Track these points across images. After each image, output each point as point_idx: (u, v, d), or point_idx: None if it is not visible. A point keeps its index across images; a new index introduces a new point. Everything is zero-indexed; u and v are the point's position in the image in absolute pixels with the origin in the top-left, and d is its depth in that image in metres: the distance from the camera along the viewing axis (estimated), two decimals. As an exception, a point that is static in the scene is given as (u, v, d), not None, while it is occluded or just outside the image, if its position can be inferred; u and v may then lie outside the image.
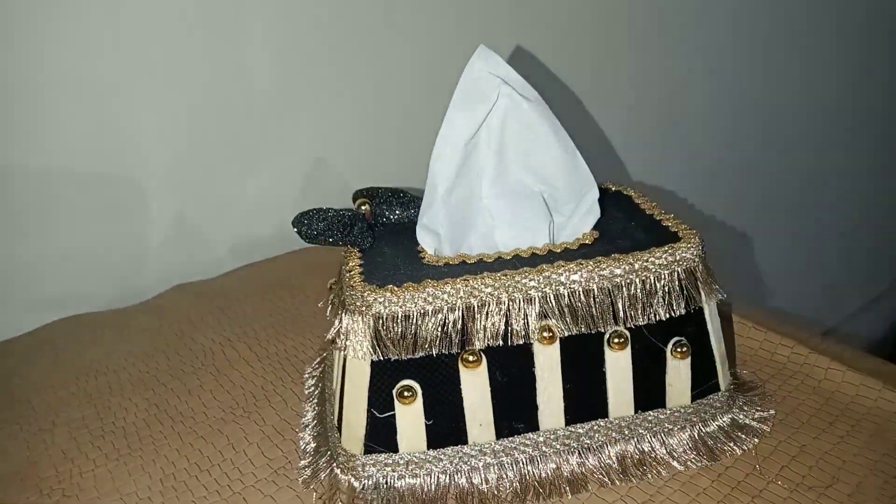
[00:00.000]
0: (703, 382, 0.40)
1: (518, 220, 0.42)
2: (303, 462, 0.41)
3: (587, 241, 0.42)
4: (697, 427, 0.40)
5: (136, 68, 0.64)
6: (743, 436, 0.40)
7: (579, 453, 0.39)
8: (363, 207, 0.45)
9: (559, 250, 0.41)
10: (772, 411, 0.42)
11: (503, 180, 0.42)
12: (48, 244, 0.64)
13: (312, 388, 0.48)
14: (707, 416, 0.40)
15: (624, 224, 0.44)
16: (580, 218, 0.43)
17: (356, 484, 0.38)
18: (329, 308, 0.42)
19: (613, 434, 0.39)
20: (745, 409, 0.42)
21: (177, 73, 0.66)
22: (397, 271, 0.39)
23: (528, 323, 0.37)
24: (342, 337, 0.37)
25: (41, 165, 0.62)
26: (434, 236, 0.42)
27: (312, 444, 0.42)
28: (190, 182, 0.70)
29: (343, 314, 0.38)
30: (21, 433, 0.46)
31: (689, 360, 0.39)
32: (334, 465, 0.39)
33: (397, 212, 0.46)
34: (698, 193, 1.07)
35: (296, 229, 0.43)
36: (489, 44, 0.41)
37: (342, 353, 0.38)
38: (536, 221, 0.42)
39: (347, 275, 0.39)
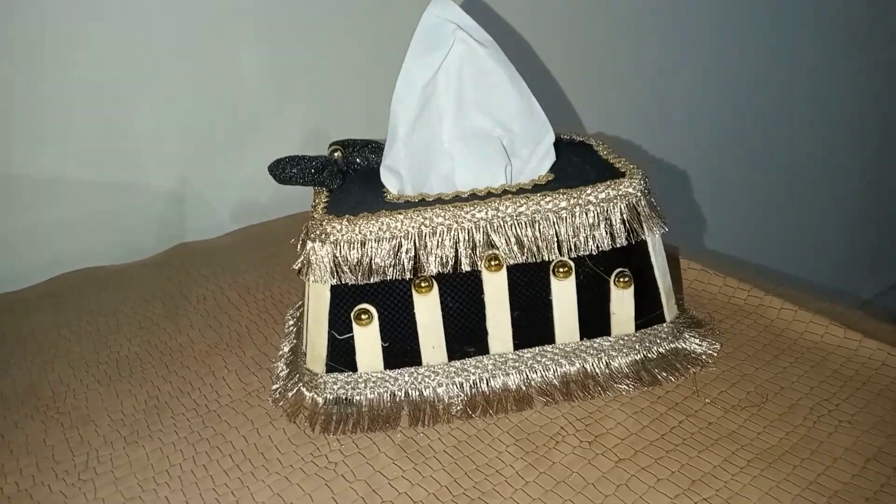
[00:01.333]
0: (647, 312, 0.42)
1: (477, 162, 0.45)
2: (275, 385, 0.44)
3: (541, 183, 0.44)
4: (641, 353, 0.42)
5: (140, 50, 0.68)
6: (685, 364, 0.42)
7: (525, 375, 0.42)
8: (335, 154, 0.49)
9: (514, 190, 0.43)
10: (717, 344, 0.44)
11: (462, 124, 0.45)
12: (59, 210, 0.68)
13: (291, 326, 0.51)
14: (650, 345, 0.43)
15: (580, 168, 0.46)
16: (537, 161, 0.45)
17: (319, 399, 0.41)
18: (299, 244, 0.45)
19: (560, 359, 0.42)
20: (691, 340, 0.44)
21: (179, 51, 0.70)
22: (359, 206, 0.42)
23: (475, 251, 0.40)
24: (304, 263, 0.40)
25: (53, 139, 0.66)
26: (397, 177, 0.44)
27: (285, 371, 0.45)
28: (192, 155, 0.74)
29: (305, 242, 0.41)
30: (24, 363, 0.51)
31: (631, 289, 0.41)
32: (300, 384, 0.43)
33: (369, 157, 0.49)
34: (658, 143, 1.06)
35: (271, 173, 0.46)
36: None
37: (304, 278, 0.41)
38: (494, 164, 0.45)
39: (313, 209, 0.42)
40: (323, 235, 0.40)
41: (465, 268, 0.40)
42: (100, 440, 0.42)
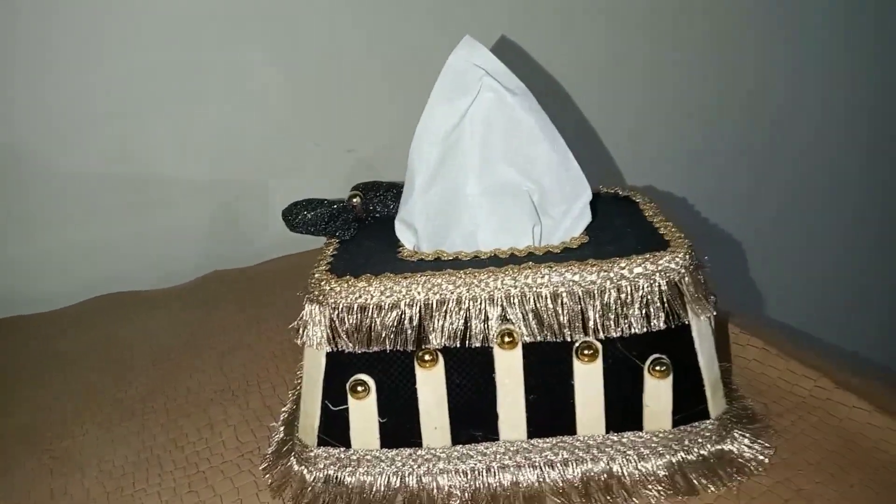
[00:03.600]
0: (687, 407, 0.36)
1: (502, 219, 0.40)
2: (269, 450, 0.41)
3: (573, 246, 0.39)
4: (678, 455, 0.36)
5: (179, 66, 0.67)
6: (730, 471, 0.36)
7: (540, 469, 0.36)
8: (354, 200, 0.45)
9: (541, 253, 0.39)
10: (770, 450, 0.37)
11: (489, 176, 0.41)
12: (99, 231, 0.69)
13: (300, 380, 0.48)
14: (690, 445, 0.37)
15: (620, 231, 0.41)
16: (571, 221, 0.40)
17: (308, 476, 0.37)
18: (304, 298, 0.42)
19: (580, 453, 0.36)
20: (740, 441, 0.38)
21: (223, 69, 0.69)
22: (366, 264, 0.38)
23: (488, 325, 0.35)
24: (301, 326, 0.37)
25: (90, 162, 0.66)
26: (412, 231, 0.40)
27: (281, 434, 0.42)
28: (231, 179, 0.73)
29: (304, 303, 0.37)
30: (35, 397, 0.50)
31: (669, 379, 0.36)
32: (292, 455, 0.39)
33: (389, 205, 0.45)
34: (706, 197, 0.95)
35: (284, 219, 0.43)
36: (484, 31, 0.40)
37: (300, 342, 0.37)
38: (521, 222, 0.40)
39: (316, 264, 0.39)
40: (321, 297, 0.36)
41: (476, 343, 0.35)
42: (82, 493, 0.39)
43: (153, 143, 0.69)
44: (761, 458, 0.37)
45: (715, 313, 0.36)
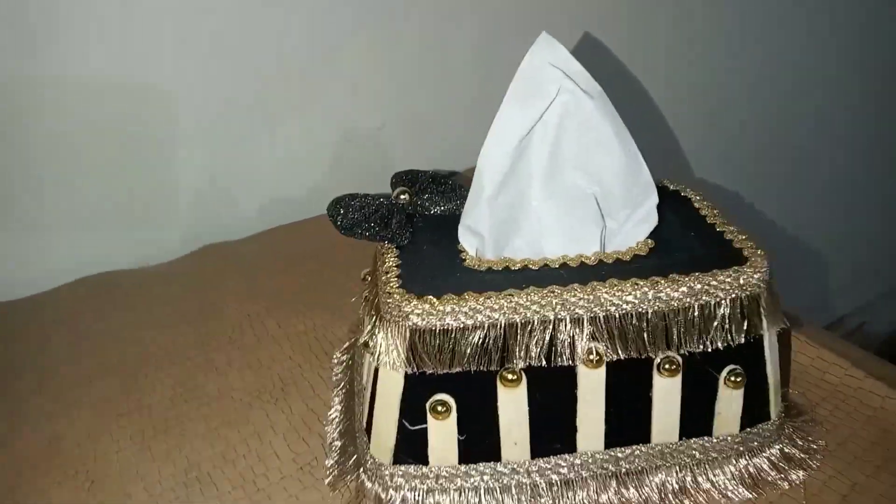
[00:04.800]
0: (754, 412, 0.38)
1: (568, 226, 0.39)
2: (329, 461, 0.40)
3: (641, 252, 0.39)
4: (744, 457, 0.38)
5: (169, 29, 0.60)
6: (791, 468, 0.38)
7: (617, 478, 0.37)
8: (402, 197, 0.43)
9: (610, 261, 0.38)
10: (822, 442, 0.40)
11: (555, 182, 0.39)
12: (75, 200, 0.62)
13: (340, 375, 0.46)
14: (755, 446, 0.38)
15: (682, 233, 0.40)
16: (634, 225, 0.40)
17: (383, 494, 0.37)
18: (362, 305, 0.40)
19: (655, 460, 0.37)
20: (795, 438, 0.40)
21: (210, 33, 0.62)
22: (437, 277, 0.37)
23: (574, 345, 0.35)
24: (376, 346, 0.35)
25: (69, 122, 0.60)
26: (478, 238, 0.39)
27: (339, 442, 0.41)
28: (220, 141, 0.67)
29: (377, 321, 0.36)
30: (47, 406, 0.46)
31: (742, 389, 0.37)
32: (361, 470, 0.38)
33: (440, 205, 0.43)
34: (762, 194, 1.01)
35: (331, 218, 0.40)
36: (554, 27, 0.37)
37: (373, 360, 0.36)
38: (587, 228, 0.39)
39: (384, 276, 0.37)
40: (401, 318, 0.34)
41: (561, 363, 0.35)
42: (138, 523, 0.37)
43: (132, 94, 0.62)
44: (815, 453, 0.39)
45: (787, 325, 0.37)
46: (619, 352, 0.35)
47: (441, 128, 0.76)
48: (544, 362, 0.35)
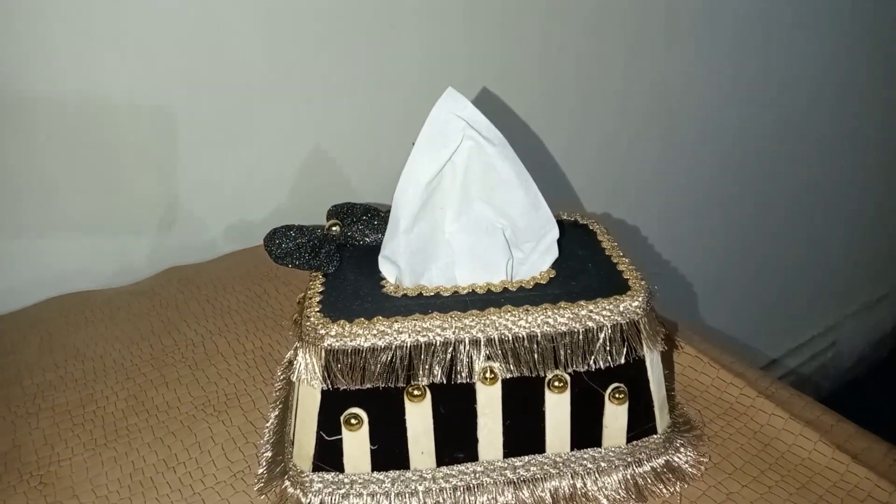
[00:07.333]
0: (639, 426, 0.42)
1: (478, 255, 0.44)
2: (260, 470, 0.44)
3: (542, 281, 0.43)
4: (631, 467, 0.42)
5: (128, 47, 0.64)
6: (673, 478, 0.42)
7: (514, 485, 0.41)
8: (333, 229, 0.47)
9: (514, 289, 0.42)
10: (705, 458, 0.44)
11: (466, 215, 0.44)
12: (41, 221, 0.67)
13: (279, 392, 0.51)
14: (641, 457, 0.43)
15: (582, 265, 0.45)
16: (539, 256, 0.44)
17: (303, 499, 0.41)
18: (293, 326, 0.44)
19: (549, 469, 0.42)
20: (681, 451, 0.44)
21: (172, 53, 0.67)
22: (355, 302, 0.41)
23: (471, 364, 0.39)
24: (296, 365, 0.40)
25: (31, 139, 0.63)
26: (395, 267, 0.43)
27: (270, 453, 0.45)
28: (184, 164, 0.72)
29: (297, 342, 0.40)
30: (9, 415, 0.50)
31: (626, 405, 0.41)
32: (286, 477, 0.42)
33: (367, 234, 0.48)
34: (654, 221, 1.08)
35: (266, 249, 0.45)
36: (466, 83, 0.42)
37: (294, 379, 0.40)
38: (496, 258, 0.44)
39: (307, 301, 0.41)
40: (317, 340, 0.39)
41: (461, 380, 0.39)
42: (83, 523, 0.41)
43: (97, 116, 0.66)
44: (697, 465, 0.43)
45: (664, 348, 0.41)
46: (513, 370, 0.39)
47: (404, 151, 0.81)
48: (445, 380, 0.39)
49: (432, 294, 0.42)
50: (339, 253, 0.46)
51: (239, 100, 0.72)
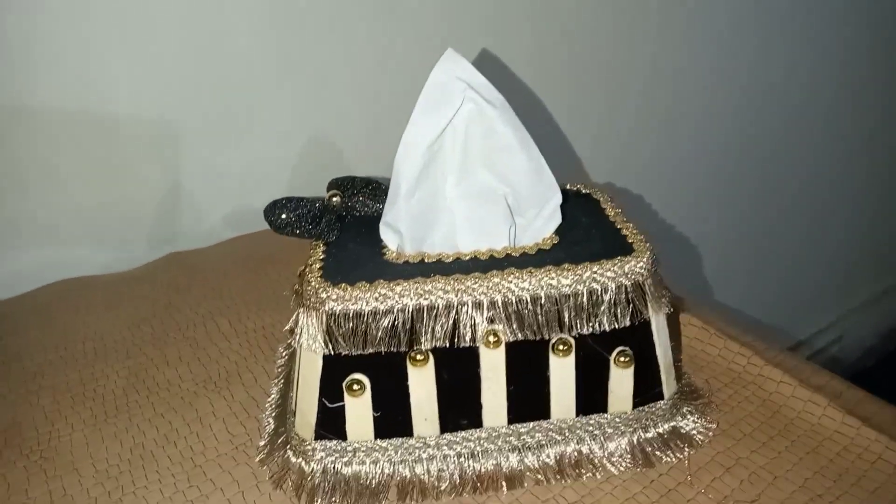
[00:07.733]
0: (645, 391, 0.41)
1: (480, 221, 0.43)
2: (262, 442, 0.44)
3: (545, 247, 0.42)
4: (637, 433, 0.42)
5: (129, 35, 0.64)
6: (681, 444, 0.42)
7: (519, 451, 0.41)
8: (334, 199, 0.47)
9: (517, 254, 0.42)
10: (713, 424, 0.43)
11: (467, 181, 0.43)
12: (45, 208, 0.66)
13: (281, 367, 0.50)
14: (648, 423, 0.42)
15: (586, 231, 0.44)
16: (542, 222, 0.44)
17: (306, 468, 0.40)
18: (293, 297, 0.44)
19: (554, 435, 0.41)
20: (689, 417, 0.43)
21: (172, 40, 0.67)
22: (356, 267, 0.41)
23: (475, 327, 0.38)
24: (297, 330, 0.39)
25: (35, 126, 0.63)
26: (396, 234, 0.43)
27: (272, 425, 0.44)
28: (186, 151, 0.71)
29: (299, 308, 0.39)
30: (10, 394, 0.50)
31: (631, 369, 0.40)
32: (288, 447, 0.42)
33: (368, 203, 0.47)
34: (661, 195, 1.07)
35: (266, 219, 0.45)
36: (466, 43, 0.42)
37: (296, 344, 0.40)
38: (498, 224, 0.43)
39: (308, 268, 0.41)
40: (318, 304, 0.38)
41: (463, 343, 0.39)
42: (83, 495, 0.41)
43: (99, 104, 0.66)
44: (706, 431, 0.43)
45: (671, 310, 0.41)
46: (517, 333, 0.39)
47: (397, 135, 0.81)
48: (448, 343, 0.38)
49: (434, 260, 0.42)
50: (340, 223, 0.46)
51: (239, 86, 0.72)
